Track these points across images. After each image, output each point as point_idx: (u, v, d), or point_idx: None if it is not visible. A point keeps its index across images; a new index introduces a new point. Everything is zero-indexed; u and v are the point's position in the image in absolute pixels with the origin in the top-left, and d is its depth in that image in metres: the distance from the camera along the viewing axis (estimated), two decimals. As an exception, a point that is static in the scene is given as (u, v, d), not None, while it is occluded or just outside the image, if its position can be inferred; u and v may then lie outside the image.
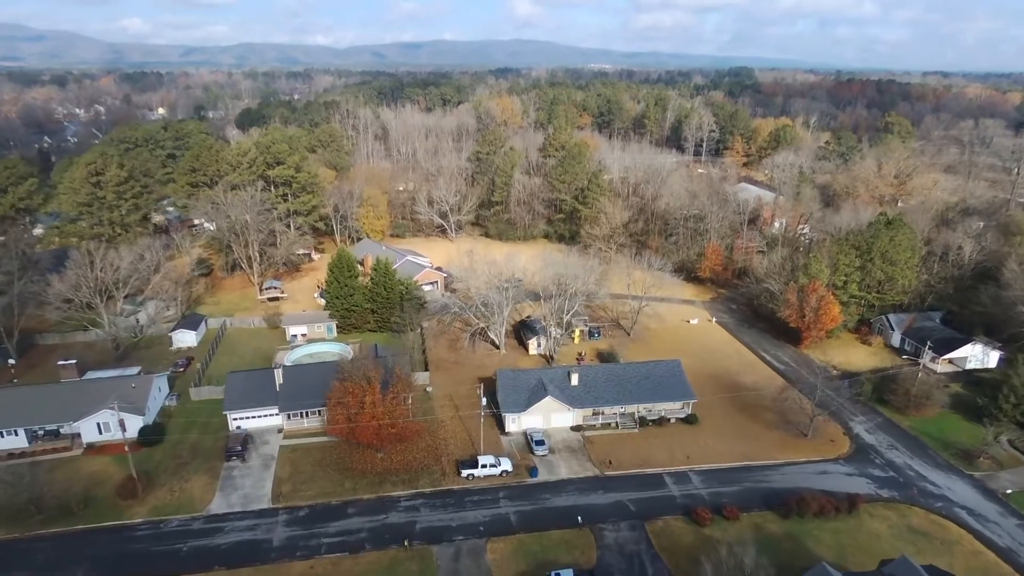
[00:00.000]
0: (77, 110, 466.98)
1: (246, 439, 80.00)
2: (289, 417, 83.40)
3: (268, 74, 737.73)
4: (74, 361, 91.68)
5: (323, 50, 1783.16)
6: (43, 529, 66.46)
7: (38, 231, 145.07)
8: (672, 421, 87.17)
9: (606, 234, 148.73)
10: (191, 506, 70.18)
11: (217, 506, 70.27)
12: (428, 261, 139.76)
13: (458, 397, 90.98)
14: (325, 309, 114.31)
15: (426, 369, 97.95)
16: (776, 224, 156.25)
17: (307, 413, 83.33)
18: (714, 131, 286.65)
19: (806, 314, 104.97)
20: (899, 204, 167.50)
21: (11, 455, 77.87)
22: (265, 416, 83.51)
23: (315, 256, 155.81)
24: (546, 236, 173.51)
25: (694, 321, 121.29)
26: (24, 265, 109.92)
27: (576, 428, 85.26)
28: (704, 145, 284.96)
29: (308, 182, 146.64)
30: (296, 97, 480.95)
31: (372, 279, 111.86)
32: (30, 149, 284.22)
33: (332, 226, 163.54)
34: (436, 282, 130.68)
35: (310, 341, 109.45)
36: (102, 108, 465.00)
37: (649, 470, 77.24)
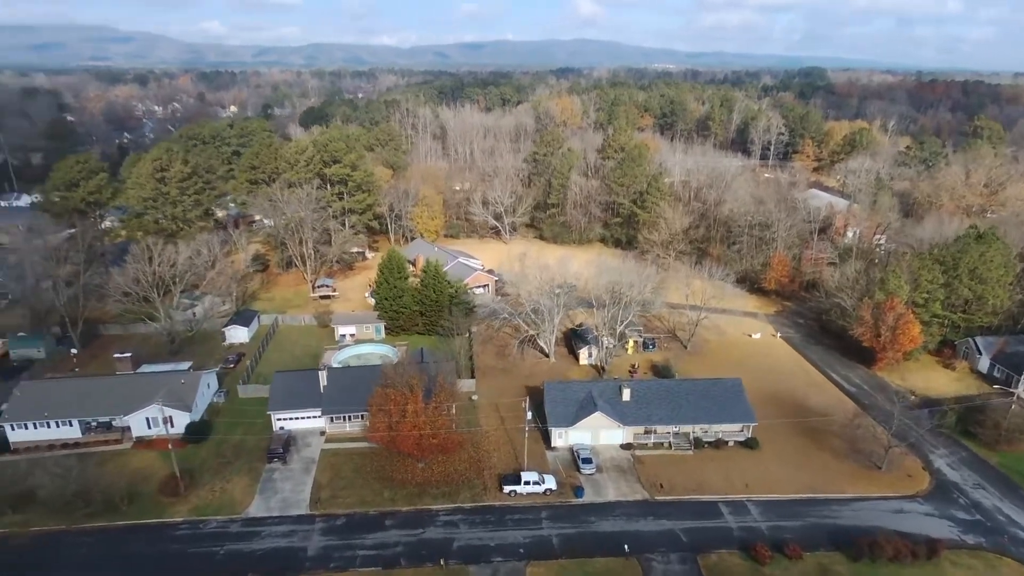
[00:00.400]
0: (156, 107, 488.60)
1: (288, 441, 79.22)
2: (332, 420, 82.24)
3: (334, 73, 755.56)
4: (129, 354, 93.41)
5: (388, 50, 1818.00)
6: (88, 523, 67.05)
7: (107, 224, 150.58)
8: (730, 444, 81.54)
9: (665, 240, 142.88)
10: (231, 507, 69.61)
11: (256, 509, 69.45)
12: (480, 263, 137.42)
13: (504, 407, 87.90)
14: (374, 310, 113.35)
15: (472, 376, 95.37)
16: (849, 234, 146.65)
17: (350, 417, 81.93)
18: (783, 134, 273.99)
19: (882, 333, 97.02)
20: (989, 215, 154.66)
21: (65, 445, 79.49)
22: (308, 418, 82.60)
23: (369, 255, 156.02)
24: (602, 240, 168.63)
25: (756, 335, 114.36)
26: (90, 257, 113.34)
27: (626, 447, 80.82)
28: (772, 148, 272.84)
29: (364, 181, 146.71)
30: (360, 96, 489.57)
31: (422, 281, 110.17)
32: (110, 145, 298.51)
33: (386, 225, 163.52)
34: (487, 285, 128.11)
35: (358, 342, 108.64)
36: (179, 106, 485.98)
37: (703, 497, 72.15)
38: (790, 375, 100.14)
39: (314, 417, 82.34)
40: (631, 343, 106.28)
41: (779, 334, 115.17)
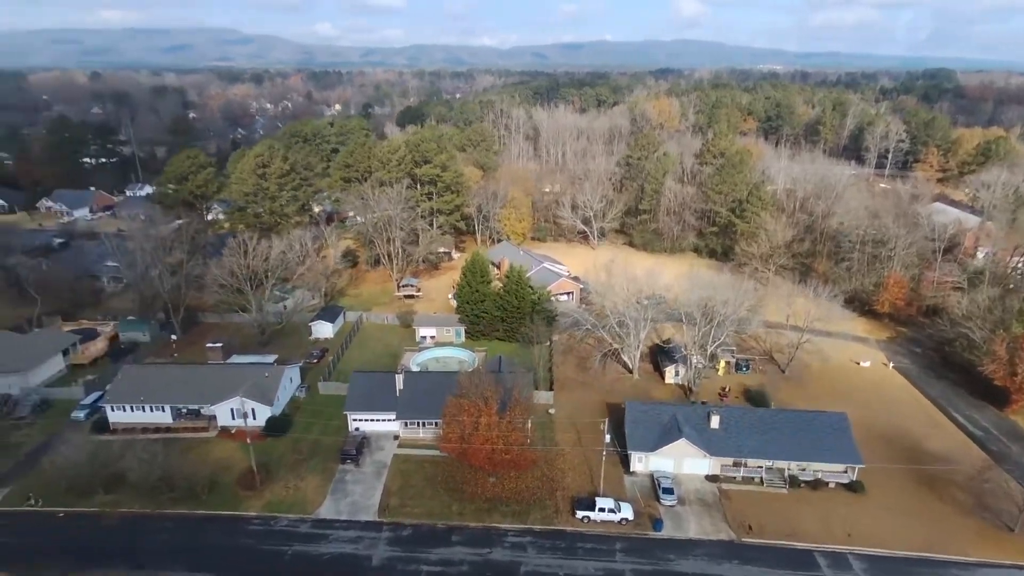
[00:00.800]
0: (268, 105, 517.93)
1: (362, 442, 78.90)
2: (406, 425, 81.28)
3: (434, 73, 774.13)
4: (220, 344, 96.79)
5: (488, 51, 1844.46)
6: (170, 508, 69.20)
7: (212, 216, 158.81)
8: (831, 486, 73.62)
9: (765, 253, 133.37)
10: (302, 507, 69.79)
11: (326, 510, 69.26)
12: (565, 270, 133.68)
13: (582, 423, 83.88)
14: (456, 312, 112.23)
15: (551, 388, 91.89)
16: (980, 255, 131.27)
17: (423, 423, 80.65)
18: (903, 141, 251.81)
19: (1018, 372, 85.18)
20: None
21: (157, 429, 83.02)
22: (383, 421, 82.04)
23: (455, 255, 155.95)
24: (695, 250, 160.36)
25: (866, 363, 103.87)
26: (193, 248, 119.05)
27: (712, 478, 74.73)
28: (890, 157, 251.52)
29: (453, 181, 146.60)
30: (457, 96, 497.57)
31: (504, 286, 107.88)
32: (225, 140, 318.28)
33: (474, 226, 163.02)
34: (571, 293, 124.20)
35: (438, 344, 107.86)
36: (288, 104, 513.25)
37: (798, 544, 65.17)
38: (905, 412, 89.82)
39: (389, 420, 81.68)
40: (723, 363, 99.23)
41: (892, 364, 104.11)
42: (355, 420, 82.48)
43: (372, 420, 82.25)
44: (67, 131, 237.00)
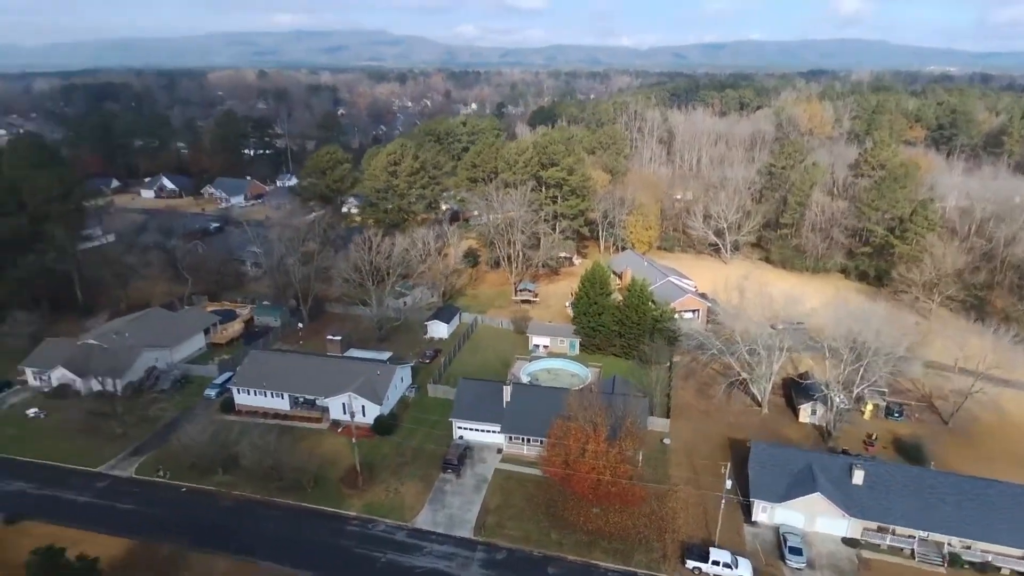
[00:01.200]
0: (409, 103, 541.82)
1: (465, 452, 76.93)
2: (511, 439, 78.29)
3: (570, 74, 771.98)
4: (339, 337, 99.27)
5: (626, 51, 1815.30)
6: (279, 497, 70.94)
7: (346, 210, 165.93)
8: (1005, 573, 61.28)
9: (929, 281, 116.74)
10: (400, 513, 68.84)
11: (423, 520, 67.79)
12: (692, 285, 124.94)
13: (699, 458, 76.60)
14: (572, 323, 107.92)
15: (667, 415, 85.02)
16: None
17: (528, 440, 77.21)
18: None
19: None
20: None
21: (276, 415, 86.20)
22: (488, 432, 79.60)
23: (576, 261, 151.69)
24: (843, 271, 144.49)
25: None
26: (324, 240, 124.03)
27: (850, 542, 64.92)
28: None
29: (579, 185, 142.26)
30: (591, 97, 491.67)
31: (625, 299, 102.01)
32: (367, 136, 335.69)
33: (597, 232, 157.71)
34: (697, 311, 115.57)
35: (551, 354, 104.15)
36: (428, 102, 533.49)
37: (958, 640, 54.48)
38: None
39: (494, 432, 79.10)
40: (870, 406, 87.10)
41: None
42: (460, 428, 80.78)
43: (477, 430, 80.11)
44: (232, 124, 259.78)
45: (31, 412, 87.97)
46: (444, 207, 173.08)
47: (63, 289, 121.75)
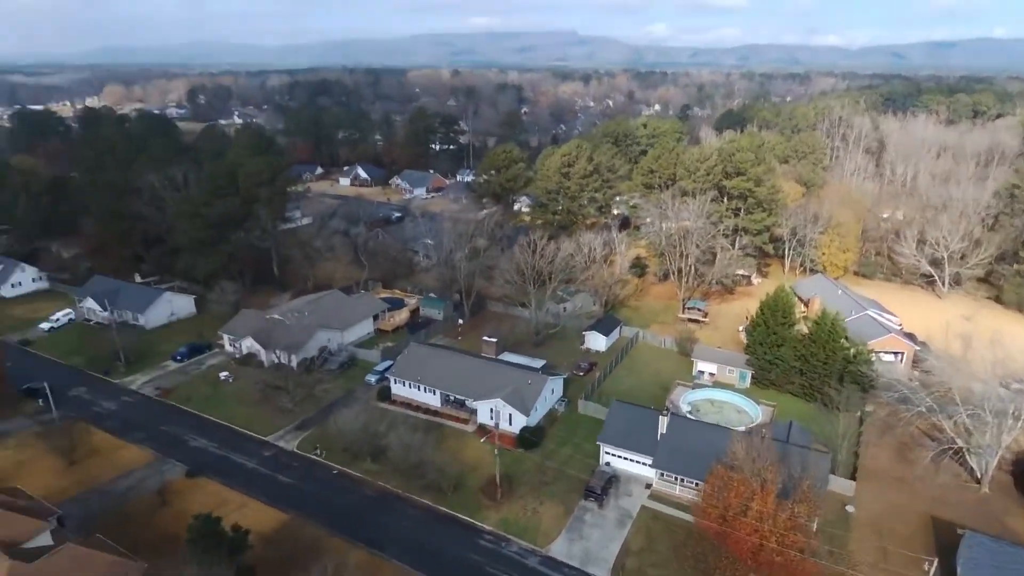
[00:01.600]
0: (591, 103, 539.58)
1: (609, 481, 71.33)
2: (662, 476, 71.27)
3: (765, 75, 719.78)
4: (495, 339, 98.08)
5: (831, 51, 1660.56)
6: (418, 495, 70.77)
7: (516, 208, 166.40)
8: None
9: None
10: (535, 536, 65.20)
11: (558, 549, 63.50)
12: (897, 322, 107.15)
13: (891, 538, 63.88)
14: (745, 352, 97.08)
15: (853, 476, 72.24)
16: None
17: (682, 480, 69.68)
18: None
19: None
20: None
21: (427, 410, 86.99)
22: (638, 463, 73.23)
23: (756, 281, 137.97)
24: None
25: None
26: (492, 238, 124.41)
27: None
28: None
29: (767, 198, 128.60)
30: (788, 100, 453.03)
31: (811, 332, 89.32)
32: (546, 135, 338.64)
33: (783, 250, 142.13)
34: (901, 354, 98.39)
35: (717, 384, 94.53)
36: (610, 102, 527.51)
37: None
38: None
39: (643, 464, 72.58)
40: None
41: None
42: (607, 453, 75.30)
43: (626, 459, 74.09)
44: (422, 120, 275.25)
45: (223, 375, 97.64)
46: (615, 212, 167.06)
47: (263, 265, 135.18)
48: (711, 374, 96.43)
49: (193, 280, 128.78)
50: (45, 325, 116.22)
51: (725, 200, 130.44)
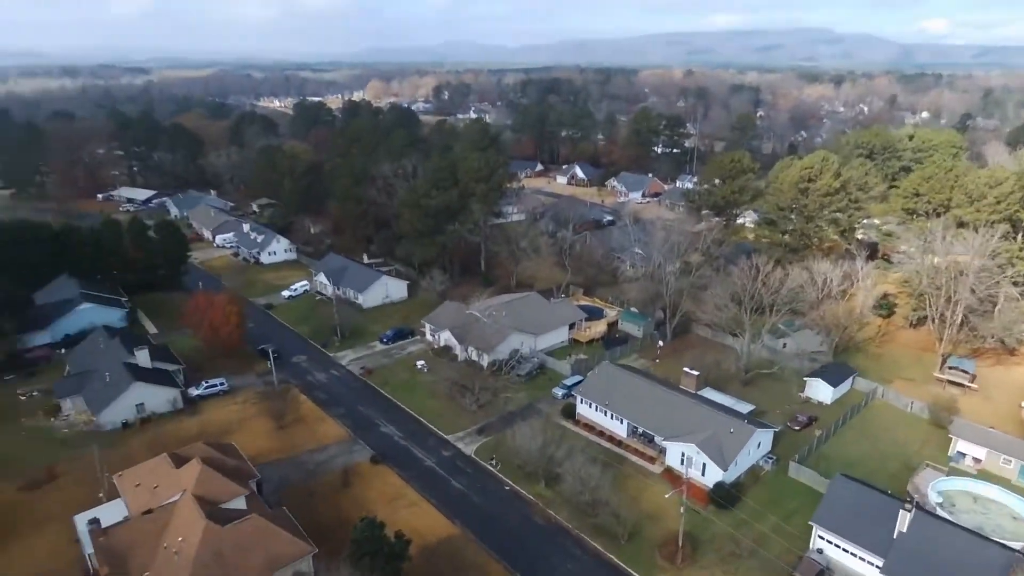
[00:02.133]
0: (840, 108, 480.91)
1: (821, 575, 58.10)
2: (894, 585, 56.16)
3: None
4: (697, 373, 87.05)
5: None
6: (589, 536, 64.36)
7: (740, 222, 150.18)
8: None
9: None
10: (717, 621, 55.23)
11: (744, 645, 52.92)
12: None
13: None
14: (1030, 437, 74.61)
15: None
16: None
17: (924, 599, 54.10)
18: None
19: None
20: None
21: (611, 439, 80.00)
22: (862, 561, 58.76)
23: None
24: None
25: None
26: (707, 255, 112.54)
27: None
28: None
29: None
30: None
31: None
32: (783, 143, 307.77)
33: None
34: None
35: (983, 474, 73.84)
36: (865, 108, 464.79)
37: None
38: None
39: (871, 564, 57.95)
40: None
41: None
42: (821, 538, 61.70)
43: (845, 551, 59.98)
44: (646, 120, 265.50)
45: (419, 364, 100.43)
46: (859, 236, 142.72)
47: (471, 258, 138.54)
48: (976, 459, 75.64)
49: (409, 266, 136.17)
50: (286, 293, 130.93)
51: (1020, 237, 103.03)
